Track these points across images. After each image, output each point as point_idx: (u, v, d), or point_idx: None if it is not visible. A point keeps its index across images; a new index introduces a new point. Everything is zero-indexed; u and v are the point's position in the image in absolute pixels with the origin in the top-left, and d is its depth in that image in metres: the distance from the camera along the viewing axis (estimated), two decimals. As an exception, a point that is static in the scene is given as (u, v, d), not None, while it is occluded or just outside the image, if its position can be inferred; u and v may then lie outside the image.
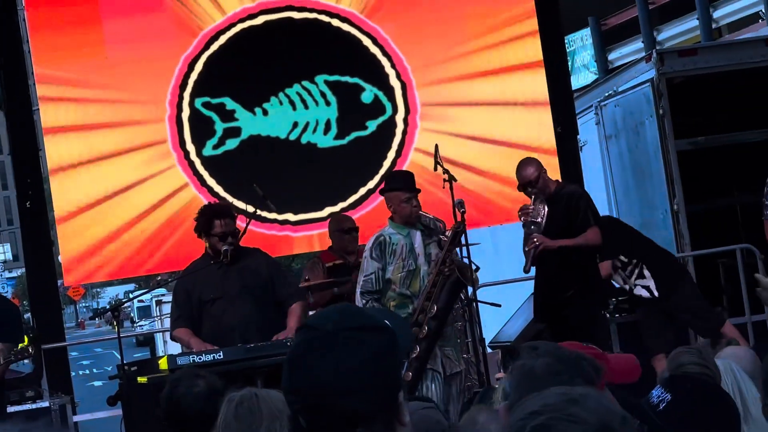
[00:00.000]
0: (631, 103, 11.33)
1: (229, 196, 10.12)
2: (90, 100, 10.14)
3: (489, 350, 8.95)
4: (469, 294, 8.06)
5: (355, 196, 10.34)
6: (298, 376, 2.06)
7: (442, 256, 7.76)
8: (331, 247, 9.25)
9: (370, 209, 10.22)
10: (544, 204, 8.30)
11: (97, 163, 10.09)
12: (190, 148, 10.23)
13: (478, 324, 8.11)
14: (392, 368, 2.09)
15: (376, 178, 10.33)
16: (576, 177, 10.38)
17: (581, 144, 11.46)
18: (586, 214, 8.36)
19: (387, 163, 10.39)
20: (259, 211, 9.20)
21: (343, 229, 9.12)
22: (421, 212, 7.89)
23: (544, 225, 8.23)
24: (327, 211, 10.21)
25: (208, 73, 10.26)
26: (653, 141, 10.94)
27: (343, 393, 2.01)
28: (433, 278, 7.74)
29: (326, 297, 8.77)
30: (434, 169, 8.33)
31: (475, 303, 8.20)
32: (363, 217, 9.92)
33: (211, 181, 10.22)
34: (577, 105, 11.52)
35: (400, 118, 10.48)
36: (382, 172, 10.32)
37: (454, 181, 8.23)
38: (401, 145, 10.45)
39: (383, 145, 10.44)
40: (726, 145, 11.24)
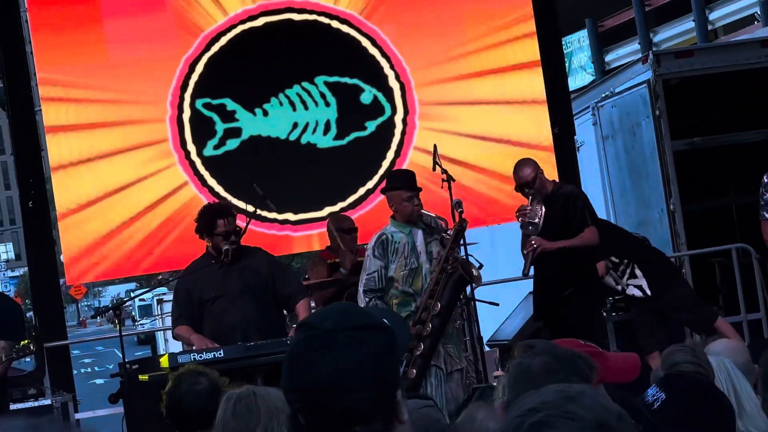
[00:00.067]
0: (628, 104, 11.32)
1: (230, 196, 10.12)
2: (91, 101, 10.14)
3: (487, 349, 8.99)
4: (468, 293, 8.08)
5: (354, 196, 10.35)
6: (297, 375, 2.06)
7: (445, 254, 7.75)
8: (329, 247, 9.24)
9: (369, 209, 10.24)
10: (541, 204, 8.30)
11: (97, 161, 10.09)
12: (191, 148, 10.24)
13: (476, 323, 8.14)
14: (391, 367, 2.10)
15: (376, 178, 10.36)
16: (573, 177, 10.41)
17: (578, 144, 11.50)
18: (583, 214, 8.37)
19: (386, 164, 10.41)
20: (259, 211, 9.18)
21: (343, 229, 9.11)
22: (422, 211, 7.87)
23: (541, 225, 8.24)
24: (326, 210, 10.22)
25: (209, 74, 10.27)
26: (650, 141, 10.93)
27: (342, 391, 2.02)
28: (436, 276, 7.73)
29: (326, 295, 8.78)
30: (433, 170, 8.38)
31: (473, 302, 8.26)
32: (362, 217, 9.94)
33: (212, 181, 10.23)
34: (575, 106, 11.50)
35: (399, 118, 10.50)
36: (381, 172, 10.33)
37: (453, 181, 8.27)
38: (400, 145, 10.47)
39: (382, 146, 10.46)
40: (722, 146, 11.21)
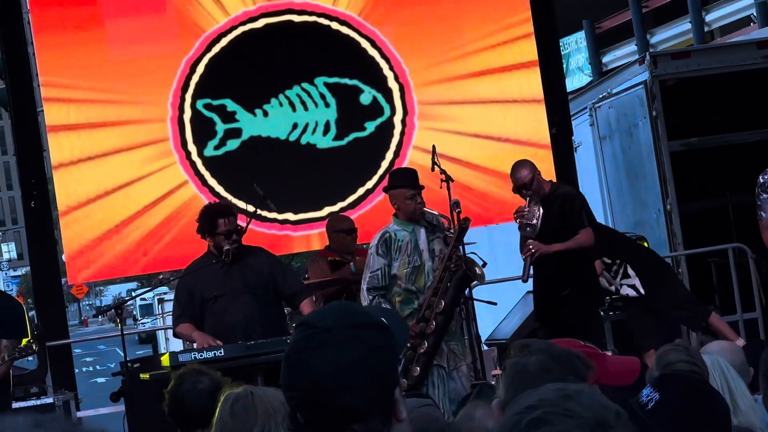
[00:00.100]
0: (625, 105, 11.36)
1: (230, 196, 10.15)
2: (92, 101, 10.17)
3: (485, 348, 9.04)
4: (466, 292, 8.12)
5: (353, 196, 10.39)
6: (296, 373, 2.07)
7: (449, 252, 7.77)
8: (328, 246, 9.27)
9: (369, 209, 10.29)
10: (539, 205, 8.34)
11: (98, 160, 10.12)
12: (192, 148, 10.28)
13: (475, 322, 8.17)
14: (389, 365, 2.11)
15: (375, 178, 10.41)
16: (570, 177, 10.44)
17: (576, 145, 11.54)
18: (581, 215, 8.41)
19: (385, 164, 10.44)
20: (259, 211, 9.19)
21: (343, 230, 9.14)
22: (425, 209, 7.88)
23: (539, 226, 8.29)
24: (326, 210, 10.26)
25: (210, 75, 10.30)
26: (646, 142, 10.97)
27: (341, 390, 2.02)
28: (440, 274, 7.74)
29: (326, 294, 8.80)
30: (431, 170, 8.43)
31: (471, 301, 8.32)
32: (361, 217, 9.99)
33: (213, 181, 10.26)
34: (572, 107, 11.52)
35: (398, 119, 10.54)
36: (380, 172, 10.37)
37: (451, 181, 8.29)
38: (399, 145, 10.51)
39: (381, 146, 10.50)
40: (718, 146, 11.24)
